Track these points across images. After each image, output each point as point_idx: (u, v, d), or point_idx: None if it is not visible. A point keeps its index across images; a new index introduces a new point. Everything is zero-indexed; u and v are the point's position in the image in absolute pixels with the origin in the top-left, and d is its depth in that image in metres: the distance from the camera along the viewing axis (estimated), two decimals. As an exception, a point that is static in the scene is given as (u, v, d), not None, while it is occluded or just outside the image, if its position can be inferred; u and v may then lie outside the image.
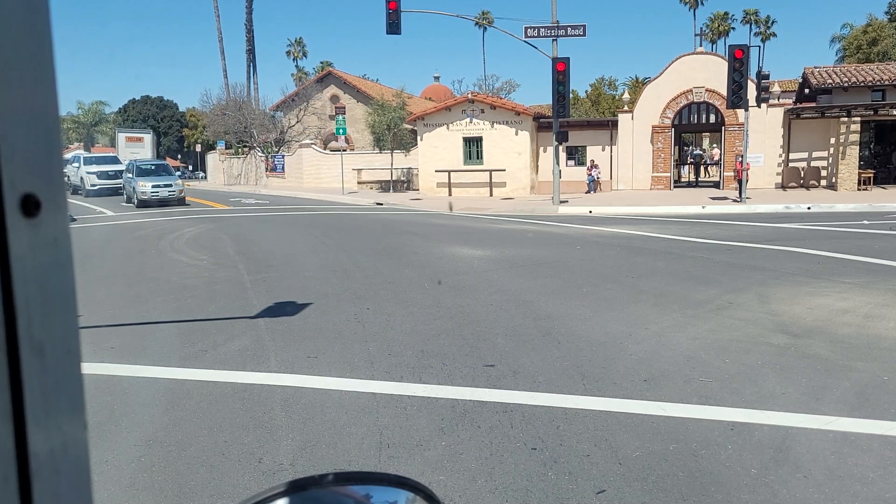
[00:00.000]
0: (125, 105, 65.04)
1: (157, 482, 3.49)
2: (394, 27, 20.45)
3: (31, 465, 0.42)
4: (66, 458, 0.44)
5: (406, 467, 3.56)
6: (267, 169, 40.63)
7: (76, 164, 33.75)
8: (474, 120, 27.53)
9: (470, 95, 28.80)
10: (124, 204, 26.08)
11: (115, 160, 35.31)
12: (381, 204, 24.66)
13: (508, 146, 27.10)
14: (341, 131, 29.15)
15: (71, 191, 32.94)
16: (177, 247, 13.13)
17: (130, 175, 26.07)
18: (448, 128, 27.81)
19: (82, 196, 31.27)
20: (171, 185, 24.83)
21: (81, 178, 32.72)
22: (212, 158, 48.57)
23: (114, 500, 3.33)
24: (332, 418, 4.26)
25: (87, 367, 4.76)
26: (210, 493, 3.37)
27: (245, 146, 42.38)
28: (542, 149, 27.94)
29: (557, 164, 22.12)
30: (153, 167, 27.01)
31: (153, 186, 24.42)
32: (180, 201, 24.99)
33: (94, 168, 33.09)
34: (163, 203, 24.37)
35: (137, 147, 44.58)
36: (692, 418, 4.15)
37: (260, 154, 41.10)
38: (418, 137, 28.57)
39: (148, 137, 46.54)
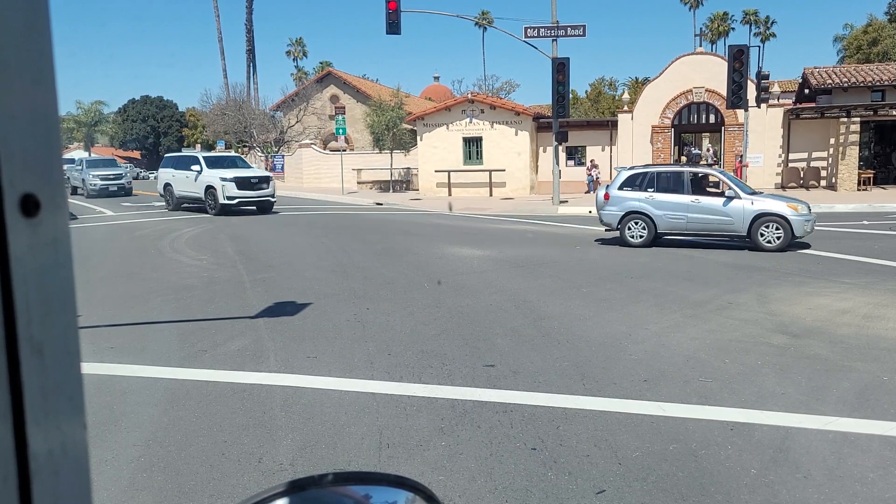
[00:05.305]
0: (125, 105, 64.91)
1: (157, 482, 3.48)
2: (393, 27, 20.45)
3: (31, 465, 0.42)
4: (65, 459, 0.44)
5: (406, 467, 3.56)
6: (266, 169, 40.62)
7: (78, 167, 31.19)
8: (474, 120, 27.52)
9: (470, 95, 28.79)
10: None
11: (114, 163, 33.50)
12: (381, 204, 24.64)
13: (508, 146, 27.09)
14: (341, 131, 29.12)
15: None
16: (176, 247, 13.12)
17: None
18: (448, 128, 27.80)
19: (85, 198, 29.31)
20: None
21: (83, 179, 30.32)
22: (211, 158, 48.67)
23: (113, 500, 3.33)
24: (331, 418, 4.26)
25: (87, 367, 4.76)
26: (210, 493, 3.37)
27: (245, 146, 42.35)
28: (541, 149, 27.92)
29: (557, 164, 22.12)
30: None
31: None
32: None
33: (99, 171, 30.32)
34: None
35: None
36: (692, 418, 4.15)
37: (260, 154, 41.08)
38: (418, 137, 28.55)
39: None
